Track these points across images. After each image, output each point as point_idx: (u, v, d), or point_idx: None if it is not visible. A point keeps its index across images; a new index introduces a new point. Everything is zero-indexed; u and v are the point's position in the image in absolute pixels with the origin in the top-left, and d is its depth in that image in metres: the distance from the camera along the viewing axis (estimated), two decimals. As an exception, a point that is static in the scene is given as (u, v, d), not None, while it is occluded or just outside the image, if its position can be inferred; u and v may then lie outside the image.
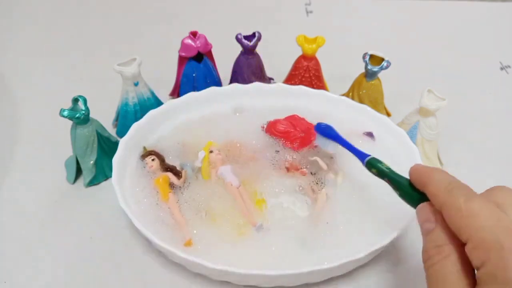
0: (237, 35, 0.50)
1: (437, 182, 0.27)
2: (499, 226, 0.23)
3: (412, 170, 0.30)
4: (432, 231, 0.26)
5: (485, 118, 0.55)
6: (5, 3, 0.76)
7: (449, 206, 0.25)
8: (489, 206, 0.24)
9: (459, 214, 0.24)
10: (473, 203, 0.24)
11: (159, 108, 0.46)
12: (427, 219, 0.27)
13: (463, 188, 0.26)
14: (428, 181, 0.28)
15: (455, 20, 0.75)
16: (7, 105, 0.55)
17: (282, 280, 0.34)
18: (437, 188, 0.27)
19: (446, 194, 0.26)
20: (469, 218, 0.24)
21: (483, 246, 0.23)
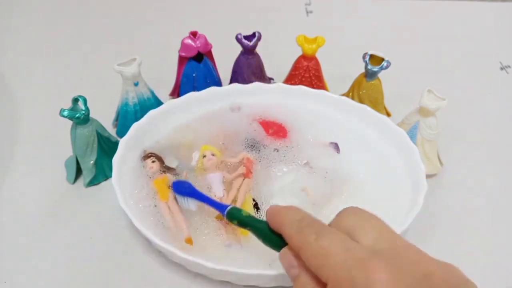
0: (237, 35, 0.50)
1: (289, 224, 0.27)
2: (349, 259, 0.23)
3: (268, 211, 0.29)
4: (298, 276, 0.26)
5: (485, 118, 0.55)
6: (5, 3, 0.76)
7: (303, 248, 0.25)
8: (338, 238, 0.24)
9: (312, 254, 0.24)
10: (323, 240, 0.24)
11: (159, 108, 0.46)
12: (291, 264, 0.26)
13: (314, 225, 0.26)
14: (282, 222, 0.27)
15: (455, 20, 0.75)
16: (7, 105, 0.55)
17: (282, 280, 0.34)
18: (289, 231, 0.26)
19: (298, 235, 0.26)
20: (322, 258, 0.24)
21: (340, 285, 0.23)
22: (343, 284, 0.22)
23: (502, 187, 0.47)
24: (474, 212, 0.44)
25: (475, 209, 0.44)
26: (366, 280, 0.22)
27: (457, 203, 0.45)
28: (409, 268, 0.22)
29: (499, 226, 0.43)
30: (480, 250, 0.40)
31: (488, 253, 0.40)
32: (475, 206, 0.44)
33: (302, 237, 0.25)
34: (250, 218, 0.32)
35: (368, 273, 0.22)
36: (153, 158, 0.42)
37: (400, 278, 0.21)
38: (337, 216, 0.28)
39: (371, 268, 0.22)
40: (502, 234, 0.42)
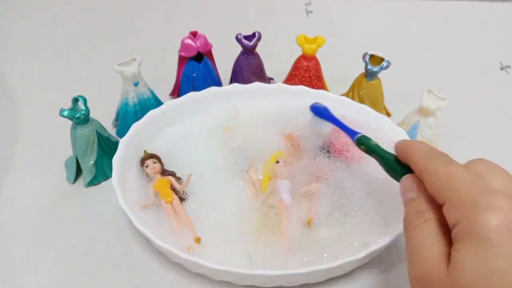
0: (237, 35, 0.50)
1: (417, 151, 0.28)
2: (474, 187, 0.24)
3: (397, 143, 0.31)
4: (414, 199, 0.27)
5: (485, 118, 0.55)
6: (5, 3, 0.76)
7: (428, 171, 0.26)
8: (466, 170, 0.25)
9: (437, 178, 0.25)
10: (451, 167, 0.25)
11: (159, 108, 0.46)
12: (410, 189, 0.28)
13: (442, 155, 0.27)
14: (410, 150, 0.29)
15: (455, 20, 0.75)
16: (7, 105, 0.55)
17: (282, 280, 0.34)
18: (417, 156, 0.28)
19: (425, 161, 0.27)
20: (447, 181, 0.25)
21: (458, 205, 0.24)
22: (463, 204, 0.23)
23: (502, 187, 0.47)
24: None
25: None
26: (489, 204, 0.22)
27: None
28: None
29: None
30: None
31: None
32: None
33: (430, 161, 0.27)
34: (377, 147, 0.34)
35: (491, 200, 0.22)
36: (155, 159, 0.42)
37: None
38: (466, 163, 0.28)
39: (495, 198, 0.22)
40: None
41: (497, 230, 0.21)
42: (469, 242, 0.22)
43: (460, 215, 0.23)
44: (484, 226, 0.22)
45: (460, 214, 0.23)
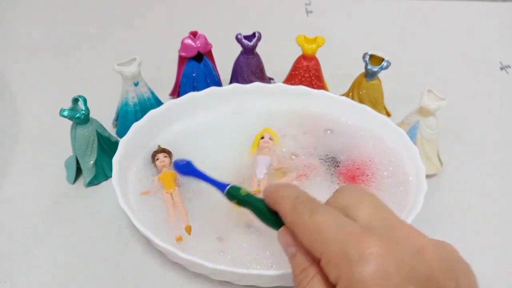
0: (237, 35, 0.50)
1: (285, 200, 0.27)
2: (342, 234, 0.23)
3: (264, 191, 0.29)
4: (295, 255, 0.26)
5: (485, 118, 0.55)
6: (5, 3, 0.76)
7: (297, 225, 0.25)
8: (332, 214, 0.24)
9: (306, 231, 0.24)
10: (317, 216, 0.24)
11: (159, 108, 0.46)
12: (288, 243, 0.26)
13: (308, 202, 0.26)
14: (278, 199, 0.27)
15: (455, 20, 0.75)
16: (7, 105, 0.55)
17: (282, 280, 0.34)
18: (285, 207, 0.26)
19: (292, 212, 0.26)
20: (316, 234, 0.24)
21: (332, 260, 0.23)
22: (336, 258, 0.22)
23: (502, 187, 0.47)
24: (474, 212, 0.44)
25: (475, 209, 0.44)
26: (359, 254, 0.21)
27: (457, 203, 0.45)
28: (402, 243, 0.22)
29: (499, 226, 0.43)
30: (480, 250, 0.40)
31: (488, 253, 0.40)
32: (475, 206, 0.44)
33: (296, 214, 0.25)
34: (249, 197, 0.31)
35: (360, 247, 0.22)
36: (166, 153, 0.43)
37: (392, 252, 0.22)
38: (334, 193, 0.27)
39: (364, 243, 0.22)
40: (502, 234, 0.42)
41: (373, 281, 0.21)
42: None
43: (337, 272, 0.22)
44: (361, 281, 0.21)
45: (337, 271, 0.22)
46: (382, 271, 0.21)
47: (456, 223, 0.43)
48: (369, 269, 0.21)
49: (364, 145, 0.45)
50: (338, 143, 0.45)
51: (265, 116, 0.48)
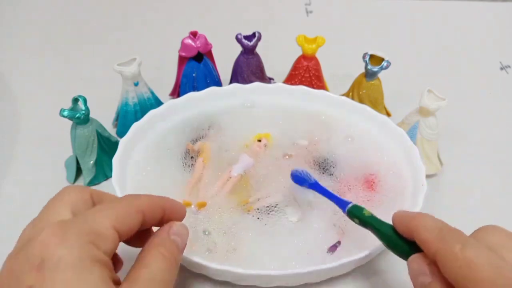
0: (237, 35, 0.50)
1: (426, 229, 0.26)
2: (500, 277, 0.22)
3: (395, 217, 0.28)
4: (429, 285, 0.25)
5: (485, 118, 0.55)
6: (5, 3, 0.76)
7: (444, 255, 0.24)
8: (487, 253, 0.23)
9: (456, 264, 0.23)
10: (469, 250, 0.23)
11: (159, 108, 0.46)
12: (422, 272, 0.25)
13: (456, 234, 0.25)
14: (416, 228, 0.26)
15: (455, 20, 0.75)
16: (7, 105, 0.55)
17: (282, 280, 0.34)
18: (428, 235, 0.25)
19: (439, 242, 0.25)
20: (467, 269, 0.23)
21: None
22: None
23: (502, 187, 0.47)
24: (474, 212, 0.44)
25: (475, 209, 0.44)
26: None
27: (457, 203, 0.45)
28: None
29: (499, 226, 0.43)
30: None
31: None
32: (475, 206, 0.44)
33: (444, 244, 0.24)
34: (373, 219, 0.31)
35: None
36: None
37: None
38: (476, 231, 0.26)
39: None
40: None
41: None
42: None
43: None
44: None
45: None
46: None
47: (456, 223, 0.42)
48: None
49: (364, 145, 0.45)
50: (337, 143, 0.45)
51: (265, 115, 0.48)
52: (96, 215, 0.25)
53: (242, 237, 0.37)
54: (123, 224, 0.26)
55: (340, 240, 0.37)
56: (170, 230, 0.29)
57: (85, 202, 0.27)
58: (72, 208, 0.26)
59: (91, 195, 0.28)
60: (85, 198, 0.27)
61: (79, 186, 0.29)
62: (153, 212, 0.28)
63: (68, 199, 0.27)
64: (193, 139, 0.45)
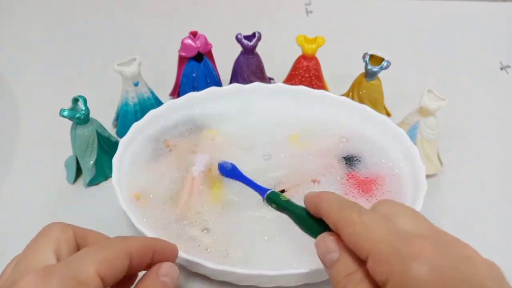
0: (237, 35, 0.50)
1: (328, 202, 0.27)
2: (392, 234, 0.23)
3: (305, 198, 0.29)
4: (338, 260, 0.25)
5: (485, 118, 0.55)
6: (5, 3, 0.76)
7: (344, 224, 0.25)
8: (380, 218, 0.24)
9: (354, 229, 0.24)
10: (365, 216, 0.24)
11: (159, 108, 0.46)
12: (330, 249, 0.26)
13: (355, 205, 0.26)
14: (320, 202, 0.28)
15: (455, 20, 0.75)
16: (7, 105, 0.56)
17: (282, 280, 0.34)
18: (330, 208, 0.27)
19: (339, 213, 0.26)
20: (364, 232, 0.24)
21: (383, 258, 0.22)
22: (387, 256, 0.22)
23: (502, 187, 0.47)
24: (474, 212, 0.44)
25: (475, 209, 0.44)
26: (413, 253, 0.21)
27: (457, 203, 0.45)
28: (451, 249, 0.22)
29: (499, 226, 0.43)
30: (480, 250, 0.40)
31: (488, 253, 0.40)
32: (475, 206, 0.44)
33: (343, 214, 0.25)
34: (288, 203, 0.32)
35: (414, 247, 0.22)
36: None
37: (444, 256, 0.21)
38: (373, 205, 0.28)
39: (416, 243, 0.22)
40: (503, 234, 0.42)
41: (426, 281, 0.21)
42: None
43: (387, 272, 0.22)
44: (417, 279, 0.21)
45: (387, 271, 0.22)
46: (438, 272, 0.21)
47: (456, 223, 0.43)
48: (425, 269, 0.21)
49: (364, 145, 0.45)
50: (337, 143, 0.45)
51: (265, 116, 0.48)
52: (80, 260, 0.24)
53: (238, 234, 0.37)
54: (108, 270, 0.25)
55: None
56: (159, 271, 0.28)
57: (68, 242, 0.27)
58: (56, 249, 0.26)
59: (74, 233, 0.27)
60: (69, 237, 0.27)
61: (61, 225, 0.28)
62: (142, 256, 0.27)
63: (51, 238, 0.26)
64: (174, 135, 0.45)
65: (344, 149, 0.45)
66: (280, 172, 0.42)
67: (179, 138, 0.45)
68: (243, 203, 0.40)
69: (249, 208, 0.39)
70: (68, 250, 0.26)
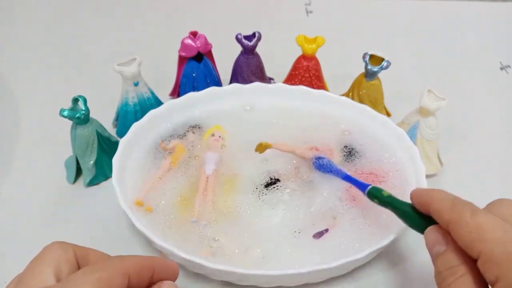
0: (237, 35, 0.50)
1: (440, 201, 0.27)
2: (508, 237, 0.23)
3: (413, 193, 0.30)
4: (443, 253, 0.26)
5: (485, 118, 0.55)
6: (5, 3, 0.76)
7: (456, 222, 0.25)
8: (495, 218, 0.25)
9: (467, 229, 0.25)
10: (479, 217, 0.25)
11: (159, 108, 0.46)
12: (437, 242, 0.27)
13: (467, 204, 0.26)
14: (431, 200, 0.28)
15: (455, 20, 0.75)
16: (7, 105, 0.55)
17: (282, 280, 0.34)
18: (441, 206, 0.27)
19: (451, 211, 0.26)
20: (478, 232, 0.24)
21: (494, 260, 0.23)
22: (499, 258, 0.23)
23: (502, 187, 0.47)
24: (474, 212, 0.44)
25: (475, 209, 0.44)
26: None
27: (457, 203, 0.44)
28: None
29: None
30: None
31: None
32: (475, 206, 0.44)
33: (456, 212, 0.26)
34: (391, 198, 0.33)
35: None
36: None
37: None
38: (489, 204, 0.28)
39: None
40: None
41: None
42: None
43: (498, 272, 0.22)
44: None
45: (498, 271, 0.23)
46: None
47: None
48: None
49: (364, 145, 0.45)
50: (337, 143, 0.45)
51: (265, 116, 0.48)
52: (77, 281, 0.24)
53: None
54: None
55: (328, 229, 0.37)
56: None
57: (68, 262, 0.27)
58: (56, 270, 0.26)
59: (74, 253, 0.27)
60: (69, 257, 0.27)
61: (62, 244, 0.28)
62: (141, 275, 0.27)
63: (51, 259, 0.26)
64: (169, 136, 0.45)
65: (346, 140, 0.46)
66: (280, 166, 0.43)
67: (178, 139, 0.45)
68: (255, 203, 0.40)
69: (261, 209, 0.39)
70: (69, 270, 0.26)
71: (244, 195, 0.40)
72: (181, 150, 0.44)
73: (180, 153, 0.44)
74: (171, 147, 0.44)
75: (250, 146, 0.43)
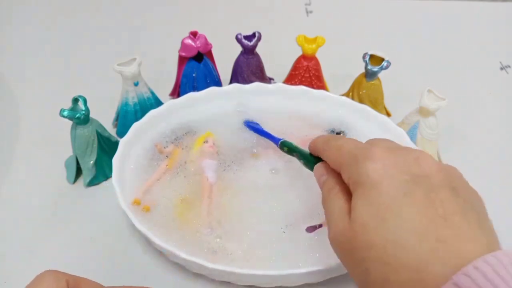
0: (237, 35, 0.50)
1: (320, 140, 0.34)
2: (356, 147, 0.29)
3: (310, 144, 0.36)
4: (326, 180, 0.31)
5: (485, 118, 0.55)
6: (5, 3, 0.76)
7: (326, 149, 0.32)
8: (352, 140, 0.31)
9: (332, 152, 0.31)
10: (340, 141, 0.31)
11: (159, 108, 0.46)
12: (322, 173, 0.32)
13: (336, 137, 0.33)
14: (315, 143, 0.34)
15: (455, 20, 0.75)
16: (7, 105, 0.56)
17: (282, 280, 0.34)
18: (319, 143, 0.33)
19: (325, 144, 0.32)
20: (338, 151, 0.30)
21: (346, 164, 0.28)
22: (348, 162, 0.28)
23: (502, 187, 0.47)
24: (474, 212, 0.44)
25: (475, 209, 0.44)
26: (365, 156, 0.27)
27: (457, 203, 0.44)
28: (403, 152, 0.27)
29: (499, 226, 0.43)
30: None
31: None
32: (475, 206, 0.44)
33: (328, 143, 0.32)
34: (297, 147, 0.39)
35: (367, 152, 0.27)
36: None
37: (393, 156, 0.26)
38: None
39: (371, 150, 0.27)
40: (502, 234, 0.42)
41: (375, 172, 0.25)
42: (358, 189, 0.26)
43: (349, 173, 0.27)
44: (366, 172, 0.26)
45: (348, 172, 0.27)
46: (381, 165, 0.26)
47: (456, 223, 0.43)
48: (373, 165, 0.26)
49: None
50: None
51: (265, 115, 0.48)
52: None
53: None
54: None
55: (322, 224, 0.38)
56: None
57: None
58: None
59: (67, 282, 0.27)
60: (61, 287, 0.27)
61: (55, 273, 0.28)
62: None
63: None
64: (167, 137, 0.45)
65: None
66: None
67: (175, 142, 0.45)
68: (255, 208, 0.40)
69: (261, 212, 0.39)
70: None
71: (245, 195, 0.40)
72: (177, 154, 0.44)
73: (177, 156, 0.43)
74: (168, 151, 0.44)
75: (249, 146, 0.43)
